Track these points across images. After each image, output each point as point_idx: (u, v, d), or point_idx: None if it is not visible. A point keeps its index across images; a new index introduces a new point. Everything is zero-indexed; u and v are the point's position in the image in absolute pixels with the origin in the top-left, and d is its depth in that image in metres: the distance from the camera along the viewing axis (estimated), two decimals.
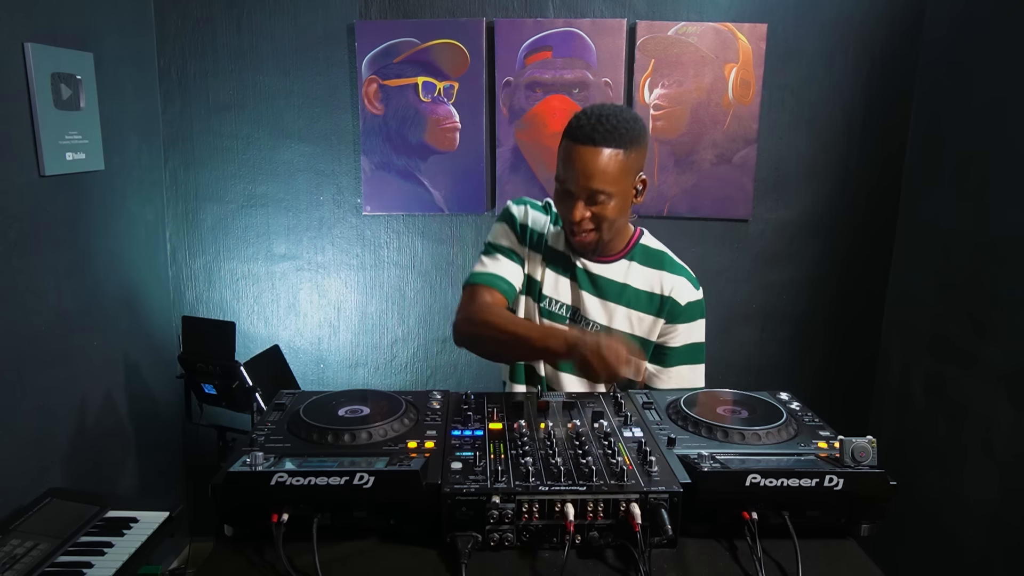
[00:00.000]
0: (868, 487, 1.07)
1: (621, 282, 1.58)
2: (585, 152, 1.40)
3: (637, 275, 1.58)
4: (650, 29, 2.49)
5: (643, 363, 1.36)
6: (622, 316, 1.58)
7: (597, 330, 1.56)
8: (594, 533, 1.06)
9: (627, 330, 1.58)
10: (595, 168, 1.40)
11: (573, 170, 1.42)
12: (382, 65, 2.57)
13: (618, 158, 1.41)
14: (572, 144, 1.42)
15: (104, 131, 2.26)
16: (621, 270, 1.58)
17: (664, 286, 1.58)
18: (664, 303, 1.57)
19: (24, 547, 1.61)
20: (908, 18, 2.48)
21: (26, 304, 1.97)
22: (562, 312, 1.59)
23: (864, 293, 2.69)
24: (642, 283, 1.58)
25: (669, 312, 1.58)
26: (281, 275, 2.77)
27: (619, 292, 1.57)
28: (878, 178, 2.61)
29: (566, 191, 1.46)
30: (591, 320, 1.58)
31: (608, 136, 1.39)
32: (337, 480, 1.01)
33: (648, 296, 1.57)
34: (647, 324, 1.58)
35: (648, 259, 1.60)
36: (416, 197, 2.66)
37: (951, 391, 2.26)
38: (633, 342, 1.39)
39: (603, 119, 1.40)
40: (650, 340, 1.59)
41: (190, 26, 2.58)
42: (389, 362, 2.83)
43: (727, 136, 2.56)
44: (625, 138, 1.41)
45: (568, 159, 1.43)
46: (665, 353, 1.61)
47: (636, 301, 1.57)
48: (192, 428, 2.46)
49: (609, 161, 1.40)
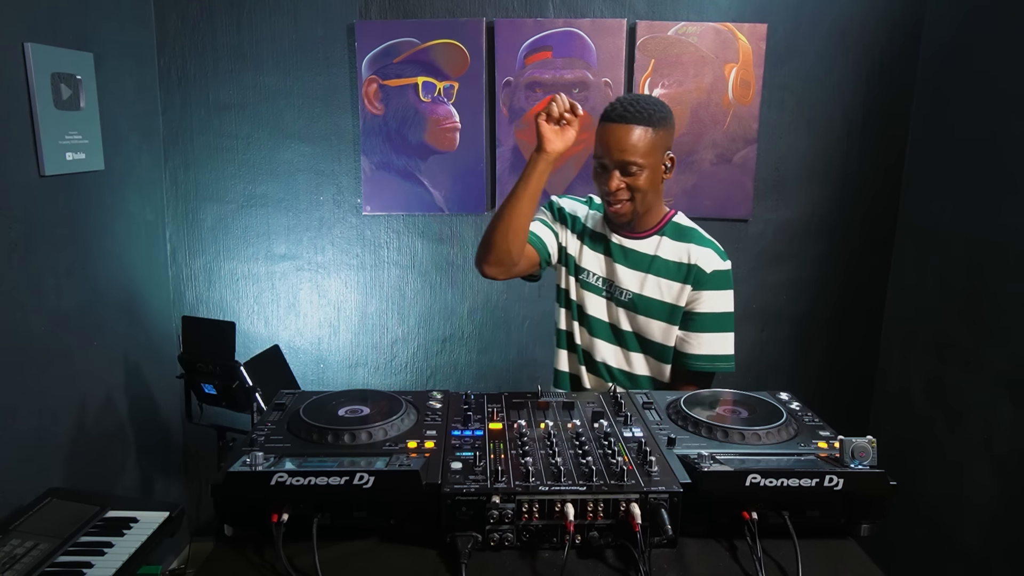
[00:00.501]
0: (868, 487, 1.07)
1: (651, 254, 1.72)
2: (618, 128, 1.59)
3: (667, 248, 1.72)
4: (650, 29, 2.49)
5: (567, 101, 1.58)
6: (652, 284, 1.70)
7: (629, 297, 1.72)
8: (594, 533, 1.06)
9: (656, 296, 1.70)
10: (627, 142, 1.58)
11: (608, 145, 1.60)
12: (382, 65, 2.57)
13: (648, 134, 1.59)
14: (607, 123, 1.61)
15: (104, 131, 2.26)
16: (652, 244, 1.73)
17: (691, 256, 1.70)
18: (690, 271, 1.69)
19: (24, 547, 1.61)
20: (908, 18, 2.48)
21: (26, 304, 1.97)
22: (598, 283, 1.76)
23: (864, 293, 2.69)
24: (671, 255, 1.71)
25: (695, 279, 1.68)
26: (281, 275, 2.77)
27: (649, 263, 1.71)
28: (878, 178, 2.61)
29: (602, 166, 1.64)
30: (623, 288, 1.72)
31: (639, 115, 1.58)
32: (337, 480, 1.01)
33: (676, 265, 1.70)
34: (675, 291, 1.70)
35: (678, 234, 1.73)
36: (416, 197, 2.66)
37: (951, 391, 2.26)
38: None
39: (634, 102, 1.61)
40: (679, 305, 1.70)
41: (190, 26, 2.58)
42: (389, 362, 2.83)
43: (727, 136, 2.56)
44: (654, 117, 1.59)
45: (604, 136, 1.61)
46: (692, 319, 1.70)
47: (665, 270, 1.70)
48: (192, 428, 2.45)
49: (640, 136, 1.58)
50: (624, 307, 1.73)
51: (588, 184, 2.60)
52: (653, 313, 1.70)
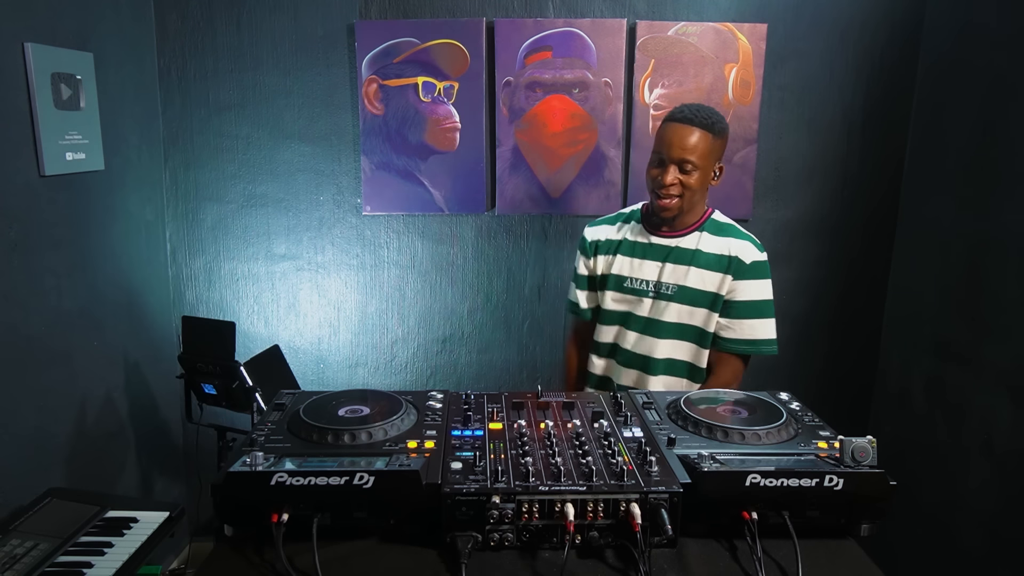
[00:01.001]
0: (868, 487, 1.07)
1: (693, 249, 1.83)
2: (682, 128, 1.73)
3: (708, 242, 1.83)
4: (650, 29, 2.49)
5: None
6: (695, 275, 1.82)
7: (674, 290, 1.83)
8: (594, 533, 1.06)
9: (699, 287, 1.81)
10: (688, 142, 1.72)
11: (671, 142, 1.73)
12: (382, 65, 2.57)
13: (707, 139, 1.73)
14: (672, 123, 1.75)
15: (104, 131, 2.26)
16: (693, 240, 1.84)
17: (731, 249, 1.81)
18: (731, 262, 1.80)
19: (24, 547, 1.61)
20: (908, 18, 2.48)
21: (26, 304, 1.97)
22: (644, 288, 1.87)
23: (864, 293, 2.69)
24: (712, 248, 1.82)
25: (736, 269, 1.80)
26: (281, 275, 2.77)
27: (691, 257, 1.83)
28: (878, 178, 2.61)
29: (660, 160, 1.76)
30: (669, 283, 1.84)
31: (703, 121, 1.72)
32: (337, 480, 1.01)
33: (717, 258, 1.81)
34: (716, 280, 1.81)
35: (717, 230, 1.85)
36: (416, 197, 2.66)
37: (951, 391, 2.26)
38: None
39: (700, 109, 1.75)
40: (720, 294, 1.81)
41: (190, 26, 2.58)
42: (389, 362, 2.83)
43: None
44: (716, 126, 1.74)
45: (667, 134, 1.75)
46: (733, 307, 1.81)
47: (706, 262, 1.81)
48: (192, 428, 2.45)
49: (700, 139, 1.72)
50: (668, 300, 1.84)
51: (588, 184, 2.61)
52: (698, 302, 1.81)
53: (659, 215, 1.83)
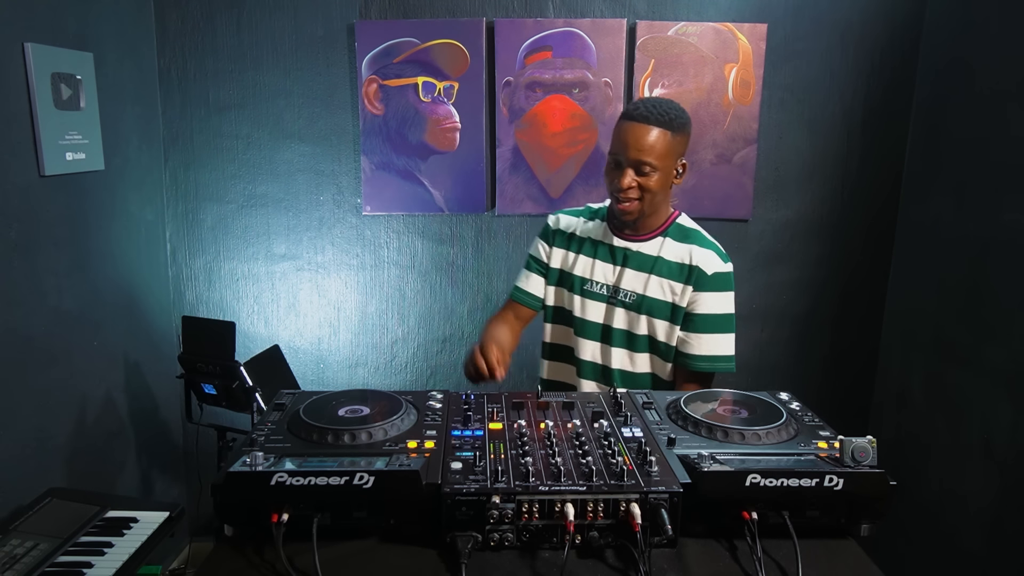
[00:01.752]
0: (868, 487, 1.07)
1: (655, 255, 1.74)
2: (638, 128, 1.60)
3: (669, 249, 1.74)
4: (650, 29, 2.49)
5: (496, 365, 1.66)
6: (655, 284, 1.73)
7: (632, 298, 1.74)
8: (594, 533, 1.06)
9: (659, 296, 1.72)
10: (645, 142, 1.60)
11: (626, 143, 1.61)
12: (382, 65, 2.57)
13: (666, 137, 1.60)
14: (628, 121, 1.63)
15: (104, 131, 2.26)
16: (655, 246, 1.74)
17: (693, 257, 1.71)
18: (692, 272, 1.71)
19: (24, 547, 1.61)
20: (908, 17, 2.48)
21: (26, 304, 1.97)
22: (602, 291, 1.78)
23: (864, 293, 2.69)
24: (673, 256, 1.73)
25: (696, 280, 1.70)
26: (281, 275, 2.77)
27: (652, 264, 1.73)
28: (878, 178, 2.61)
29: (617, 162, 1.65)
30: (628, 290, 1.74)
31: (659, 118, 1.60)
32: (337, 480, 1.01)
33: (678, 266, 1.72)
34: (677, 291, 1.72)
35: (681, 236, 1.75)
36: (416, 197, 2.66)
37: (951, 391, 2.26)
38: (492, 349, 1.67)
39: (657, 104, 1.62)
40: (680, 306, 1.72)
41: (190, 26, 2.58)
42: (389, 362, 2.83)
43: (727, 136, 2.56)
44: (674, 122, 1.61)
45: (623, 134, 1.63)
46: (692, 319, 1.72)
47: (667, 271, 1.72)
48: (192, 428, 2.45)
49: (658, 138, 1.60)
50: (626, 308, 1.75)
51: (588, 184, 2.61)
52: (656, 313, 1.72)
53: (619, 219, 1.73)
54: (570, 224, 1.85)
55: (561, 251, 1.84)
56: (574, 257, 1.82)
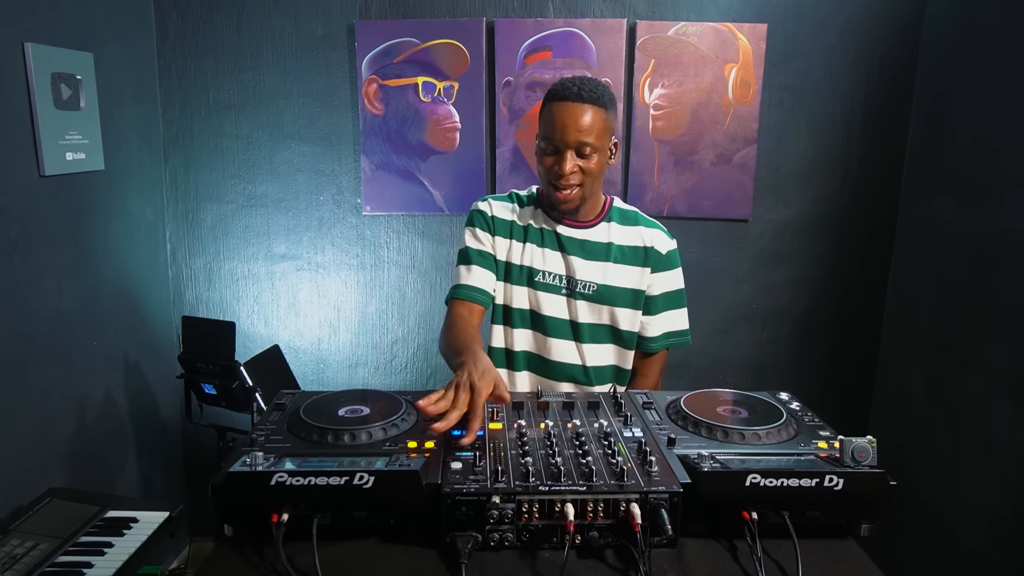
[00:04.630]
0: (868, 487, 1.07)
1: (606, 242, 1.69)
2: (575, 108, 1.53)
3: (618, 233, 1.70)
4: (650, 29, 2.49)
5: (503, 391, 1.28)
6: (614, 272, 1.68)
7: (593, 289, 1.68)
8: (594, 533, 1.06)
9: (621, 284, 1.68)
10: (584, 122, 1.53)
11: (564, 125, 1.53)
12: (382, 65, 2.57)
13: (601, 115, 1.55)
14: (561, 103, 1.54)
15: (104, 131, 2.26)
16: (603, 232, 1.70)
17: (644, 239, 1.70)
18: (648, 254, 1.69)
19: (24, 547, 1.61)
20: (908, 18, 2.48)
21: (26, 304, 1.97)
22: (556, 282, 1.70)
23: (864, 293, 2.69)
24: (624, 239, 1.70)
25: (654, 261, 1.70)
26: (281, 275, 2.77)
27: (606, 251, 1.69)
28: (878, 177, 2.61)
29: (554, 148, 1.56)
30: (586, 281, 1.68)
31: (593, 95, 1.54)
32: (337, 480, 1.01)
33: (632, 250, 1.69)
34: (636, 275, 1.69)
35: (624, 219, 1.72)
36: (416, 197, 2.66)
37: (951, 391, 2.26)
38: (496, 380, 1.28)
39: (586, 82, 1.56)
40: (640, 290, 1.70)
41: (190, 26, 2.58)
42: (389, 362, 2.83)
43: (727, 136, 2.56)
44: (605, 99, 1.56)
45: (558, 116, 1.54)
46: (652, 301, 1.72)
47: (623, 256, 1.69)
48: (192, 428, 2.45)
49: (595, 117, 1.54)
50: (588, 300, 1.69)
51: None
52: (619, 301, 1.69)
53: (559, 207, 1.62)
54: (506, 211, 1.72)
55: (505, 240, 1.71)
56: (521, 247, 1.70)
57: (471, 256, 1.71)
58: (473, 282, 1.68)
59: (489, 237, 1.71)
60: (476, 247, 1.72)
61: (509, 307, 1.72)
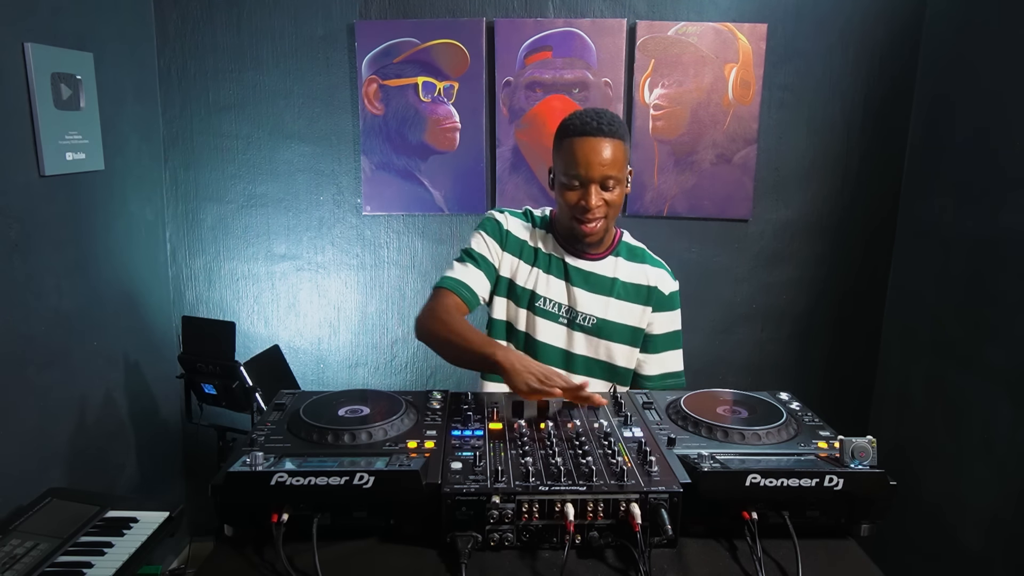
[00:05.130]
0: (868, 487, 1.07)
1: (611, 277, 1.68)
2: (597, 143, 1.52)
3: (624, 270, 1.69)
4: (650, 29, 2.49)
5: (580, 385, 1.34)
6: (616, 307, 1.67)
7: (593, 323, 1.66)
8: (594, 533, 1.06)
9: (621, 320, 1.67)
10: (606, 156, 1.53)
11: (588, 160, 1.52)
12: (382, 65, 2.57)
13: (621, 147, 1.55)
14: (582, 138, 1.53)
15: (104, 131, 2.26)
16: (610, 266, 1.69)
17: (649, 278, 1.70)
18: (651, 293, 1.69)
19: (24, 547, 1.61)
20: (908, 17, 2.48)
21: (26, 304, 1.97)
22: (556, 311, 1.68)
23: (864, 293, 2.69)
24: (629, 276, 1.69)
25: (656, 301, 1.70)
26: (281, 275, 2.77)
27: (610, 286, 1.67)
28: (878, 177, 2.61)
29: (579, 183, 1.55)
30: (587, 314, 1.67)
31: (611, 128, 1.54)
32: (337, 480, 1.01)
33: (635, 288, 1.69)
34: (637, 313, 1.69)
35: (632, 255, 1.72)
36: (416, 197, 2.66)
37: (951, 391, 2.26)
38: (557, 373, 1.38)
39: (602, 115, 1.55)
40: (640, 328, 1.70)
41: (190, 26, 2.58)
42: (389, 362, 2.83)
43: (727, 136, 2.56)
44: (622, 131, 1.57)
45: (580, 152, 1.53)
46: (651, 340, 1.72)
47: (626, 293, 1.68)
48: (192, 428, 2.45)
49: (616, 150, 1.54)
50: (586, 332, 1.67)
51: None
52: (617, 337, 1.67)
53: (583, 240, 1.62)
54: (521, 229, 1.70)
55: (512, 258, 1.69)
56: (527, 269, 1.68)
57: (474, 257, 1.69)
58: (467, 280, 1.66)
59: (498, 249, 1.70)
60: (481, 252, 1.69)
61: (512, 325, 1.70)
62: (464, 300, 1.64)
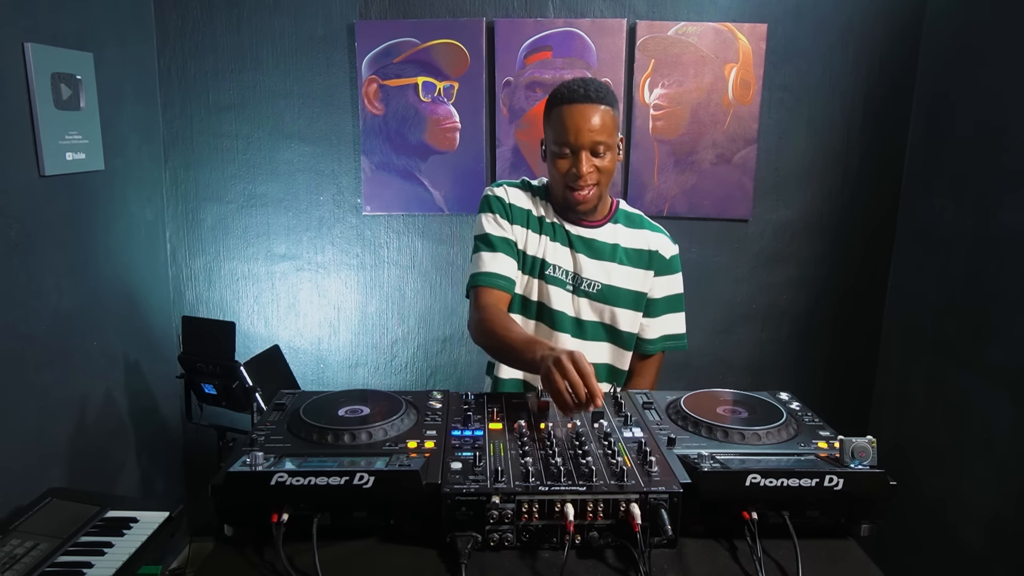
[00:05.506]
0: (868, 487, 1.07)
1: (612, 243, 1.70)
2: (585, 109, 1.53)
3: (624, 236, 1.71)
4: (650, 29, 2.49)
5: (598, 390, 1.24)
6: (619, 273, 1.69)
7: (597, 288, 1.68)
8: (594, 533, 1.06)
9: (625, 285, 1.69)
10: (595, 122, 1.53)
11: (577, 127, 1.53)
12: (382, 65, 2.57)
13: (610, 113, 1.56)
14: (571, 105, 1.55)
15: (104, 131, 2.26)
16: (610, 232, 1.71)
17: (650, 242, 1.72)
18: (652, 257, 1.72)
19: (24, 547, 1.61)
20: (908, 17, 2.48)
21: (26, 304, 1.97)
22: (563, 277, 1.69)
23: (864, 293, 2.69)
24: (630, 242, 1.71)
25: (657, 265, 1.72)
26: (281, 275, 2.77)
27: (612, 252, 1.70)
28: (878, 177, 2.61)
29: (569, 150, 1.56)
30: (591, 280, 1.68)
31: (599, 95, 1.55)
32: (337, 480, 1.01)
33: (637, 252, 1.71)
34: (639, 278, 1.71)
35: (630, 221, 1.74)
36: (416, 197, 2.66)
37: (951, 391, 2.26)
38: (590, 379, 1.23)
39: (590, 83, 1.57)
40: (643, 292, 1.72)
41: (190, 26, 2.58)
42: (389, 362, 2.83)
43: (727, 136, 2.56)
44: (610, 97, 1.57)
45: (569, 119, 1.54)
46: (653, 304, 1.74)
47: (628, 258, 1.70)
48: (192, 428, 2.46)
49: (605, 115, 1.55)
50: (591, 298, 1.69)
51: None
52: (621, 302, 1.69)
53: (576, 208, 1.63)
54: (523, 199, 1.70)
55: (522, 229, 1.69)
56: (536, 238, 1.68)
57: (494, 242, 1.66)
58: (498, 269, 1.65)
59: (508, 224, 1.68)
60: (498, 233, 1.67)
61: (526, 298, 1.71)
62: (504, 290, 1.65)
